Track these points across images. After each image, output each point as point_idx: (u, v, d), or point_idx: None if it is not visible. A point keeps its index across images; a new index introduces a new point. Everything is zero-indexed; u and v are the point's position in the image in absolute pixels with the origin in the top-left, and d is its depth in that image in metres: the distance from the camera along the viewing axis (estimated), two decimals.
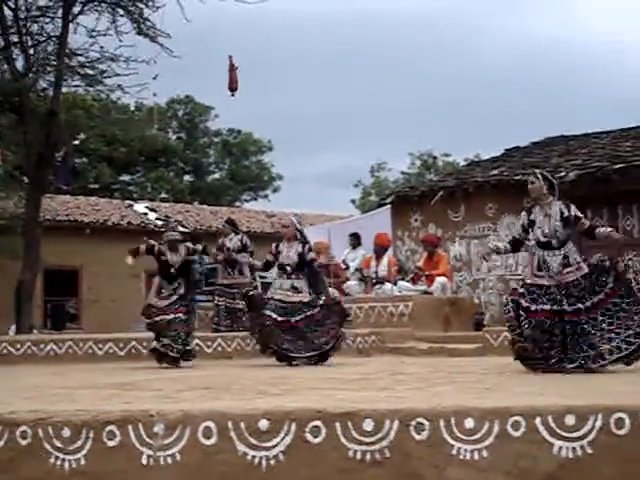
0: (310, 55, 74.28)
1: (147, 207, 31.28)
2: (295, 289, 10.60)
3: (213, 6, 21.23)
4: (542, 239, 8.24)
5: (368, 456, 4.32)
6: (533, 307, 7.86)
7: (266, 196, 50.37)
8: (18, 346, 12.24)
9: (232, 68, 18.97)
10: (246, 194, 50.56)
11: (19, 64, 21.88)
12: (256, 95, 56.97)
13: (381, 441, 4.32)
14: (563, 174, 15.57)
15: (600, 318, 7.79)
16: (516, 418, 4.36)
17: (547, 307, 7.85)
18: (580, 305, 7.83)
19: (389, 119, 73.99)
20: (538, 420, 4.36)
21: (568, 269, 8.03)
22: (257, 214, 34.47)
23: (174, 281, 10.82)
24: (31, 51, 22.05)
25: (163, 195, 43.78)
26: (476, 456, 4.32)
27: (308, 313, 10.43)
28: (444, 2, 74.15)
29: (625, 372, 7.60)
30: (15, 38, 21.86)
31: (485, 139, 61.59)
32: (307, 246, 11.04)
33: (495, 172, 16.97)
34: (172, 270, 10.84)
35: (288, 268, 10.76)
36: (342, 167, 73.45)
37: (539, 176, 8.40)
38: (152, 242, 11.29)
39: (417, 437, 4.32)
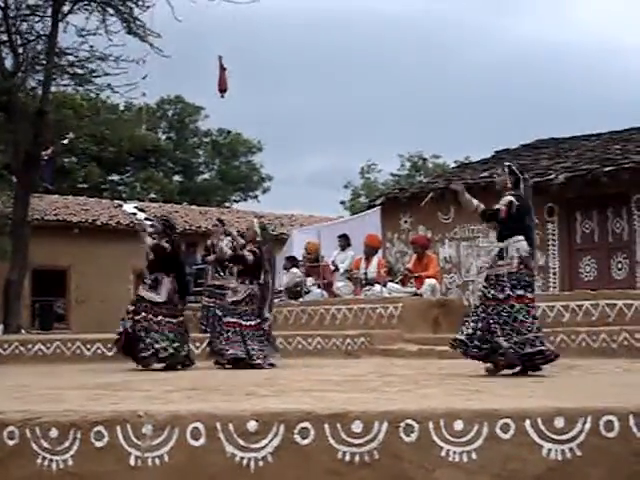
0: (301, 56, 74.30)
1: (136, 207, 31.21)
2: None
3: (203, 6, 21.23)
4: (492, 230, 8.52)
5: (357, 458, 4.30)
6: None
7: (256, 197, 50.38)
8: (6, 346, 12.19)
9: (222, 69, 18.96)
10: (236, 195, 50.55)
11: (8, 63, 21.81)
12: (246, 95, 57.04)
13: (370, 443, 4.31)
14: (553, 176, 15.61)
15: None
16: (505, 420, 4.36)
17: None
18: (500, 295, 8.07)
19: (379, 121, 74.07)
20: (527, 422, 4.35)
21: (500, 262, 8.25)
22: (247, 215, 34.45)
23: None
24: (20, 50, 21.98)
25: (152, 195, 43.69)
26: (465, 458, 4.32)
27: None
28: (437, 3, 74.31)
29: (608, 373, 7.61)
30: (4, 37, 21.78)
31: (475, 141, 61.71)
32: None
33: (485, 174, 16.98)
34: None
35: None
36: (332, 168, 73.40)
37: (506, 169, 8.47)
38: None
39: (406, 439, 4.31)
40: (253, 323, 10.47)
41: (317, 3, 76.31)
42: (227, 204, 47.29)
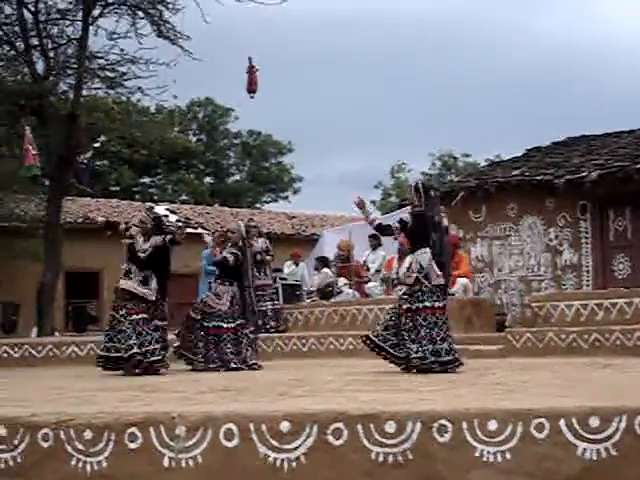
0: (330, 56, 74.21)
1: (167, 209, 31.28)
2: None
3: (232, 8, 21.27)
4: None
5: (390, 458, 4.28)
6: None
7: (286, 197, 50.42)
8: (40, 348, 12.28)
9: (251, 70, 18.95)
10: (266, 196, 50.61)
11: (39, 67, 21.97)
12: (276, 96, 56.99)
13: (404, 443, 4.29)
14: (585, 174, 15.49)
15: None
16: (540, 420, 4.32)
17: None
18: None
19: (409, 120, 73.85)
20: (562, 422, 4.32)
21: (408, 273, 8.86)
22: (278, 215, 34.47)
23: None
24: (51, 54, 22.13)
25: (184, 197, 43.85)
26: (499, 458, 4.29)
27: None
28: (464, 2, 74.01)
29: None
30: (35, 41, 21.94)
31: (506, 139, 61.30)
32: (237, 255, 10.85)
33: (516, 172, 16.88)
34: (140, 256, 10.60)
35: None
36: (362, 168, 73.26)
37: (412, 188, 9.28)
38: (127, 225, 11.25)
39: (440, 439, 4.29)
40: (232, 326, 10.48)
41: (346, 3, 76.25)
42: (258, 205, 47.38)
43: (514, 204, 16.48)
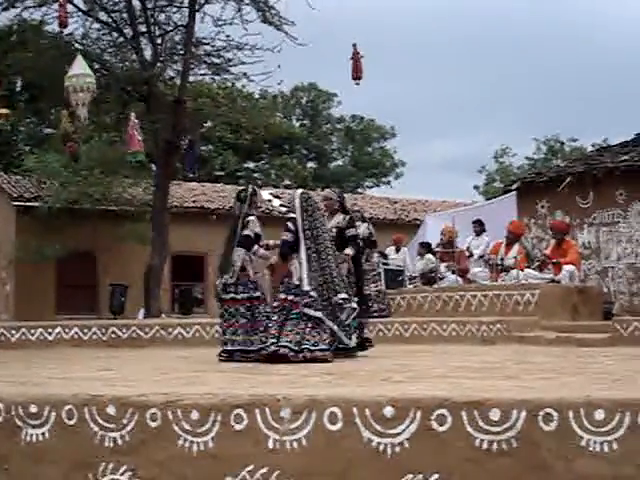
0: (433, 41, 73.64)
1: (271, 194, 31.58)
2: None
3: None
4: None
5: (495, 446, 4.24)
6: None
7: (389, 182, 50.33)
8: (147, 330, 12.52)
9: (356, 56, 18.93)
10: (369, 180, 50.62)
11: (147, 54, 22.39)
12: (379, 81, 56.85)
13: (508, 431, 4.24)
14: None
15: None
16: None
17: None
18: None
19: (513, 104, 72.86)
20: None
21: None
22: (380, 200, 34.43)
23: None
24: (159, 41, 22.52)
25: (287, 182, 44.18)
26: (606, 448, 4.21)
27: None
28: None
29: None
30: (143, 28, 22.35)
31: (614, 123, 59.97)
32: (348, 218, 9.83)
33: (625, 157, 16.50)
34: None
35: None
36: (465, 153, 72.61)
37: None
38: None
39: (545, 428, 4.23)
40: None
41: None
42: (360, 190, 47.40)
43: (623, 190, 16.12)
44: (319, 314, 8.74)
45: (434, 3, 73.74)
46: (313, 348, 8.56)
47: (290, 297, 8.82)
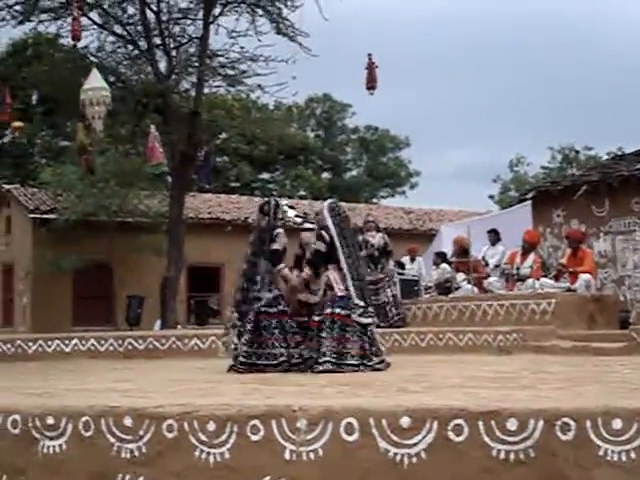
0: (446, 50, 73.68)
1: (286, 204, 31.55)
2: None
3: (350, 3, 21.33)
4: None
5: (512, 456, 4.23)
6: None
7: (403, 192, 50.32)
8: (163, 341, 12.53)
9: (371, 66, 18.94)
10: (383, 190, 50.62)
11: (162, 66, 22.48)
12: (393, 91, 56.93)
13: (525, 441, 4.23)
14: None
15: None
16: None
17: None
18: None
19: (528, 113, 72.77)
20: None
21: None
22: (395, 211, 34.42)
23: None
24: (173, 53, 22.61)
25: (302, 192, 44.22)
26: (624, 457, 4.19)
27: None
28: None
29: None
30: (158, 40, 22.45)
31: (629, 132, 59.82)
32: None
33: None
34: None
35: None
36: (480, 162, 72.57)
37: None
38: None
39: (563, 437, 4.22)
40: None
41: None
42: (375, 200, 47.41)
43: (638, 198, 16.07)
44: (371, 320, 8.83)
45: (447, 13, 73.82)
46: (376, 360, 8.72)
47: (337, 310, 8.60)
